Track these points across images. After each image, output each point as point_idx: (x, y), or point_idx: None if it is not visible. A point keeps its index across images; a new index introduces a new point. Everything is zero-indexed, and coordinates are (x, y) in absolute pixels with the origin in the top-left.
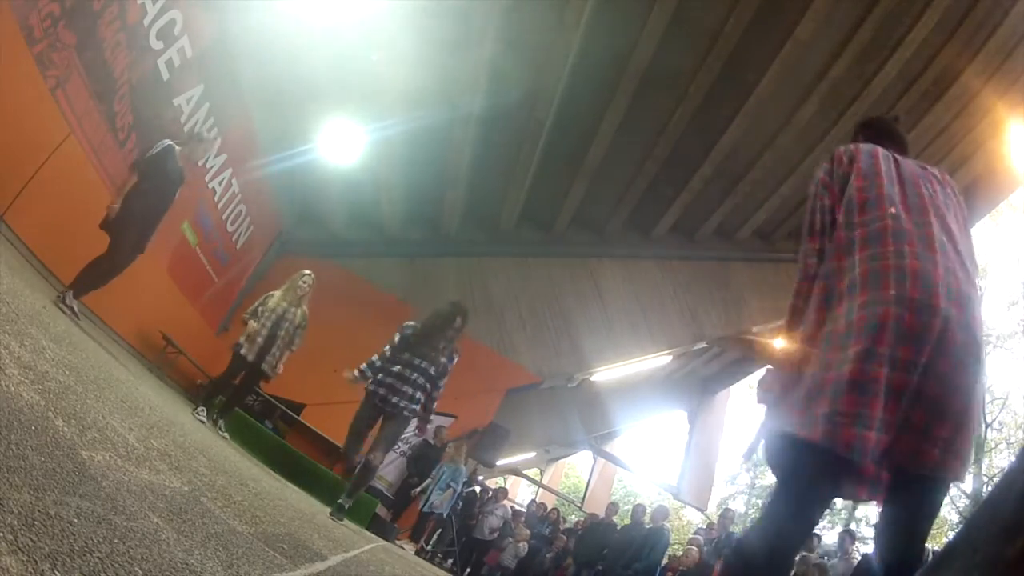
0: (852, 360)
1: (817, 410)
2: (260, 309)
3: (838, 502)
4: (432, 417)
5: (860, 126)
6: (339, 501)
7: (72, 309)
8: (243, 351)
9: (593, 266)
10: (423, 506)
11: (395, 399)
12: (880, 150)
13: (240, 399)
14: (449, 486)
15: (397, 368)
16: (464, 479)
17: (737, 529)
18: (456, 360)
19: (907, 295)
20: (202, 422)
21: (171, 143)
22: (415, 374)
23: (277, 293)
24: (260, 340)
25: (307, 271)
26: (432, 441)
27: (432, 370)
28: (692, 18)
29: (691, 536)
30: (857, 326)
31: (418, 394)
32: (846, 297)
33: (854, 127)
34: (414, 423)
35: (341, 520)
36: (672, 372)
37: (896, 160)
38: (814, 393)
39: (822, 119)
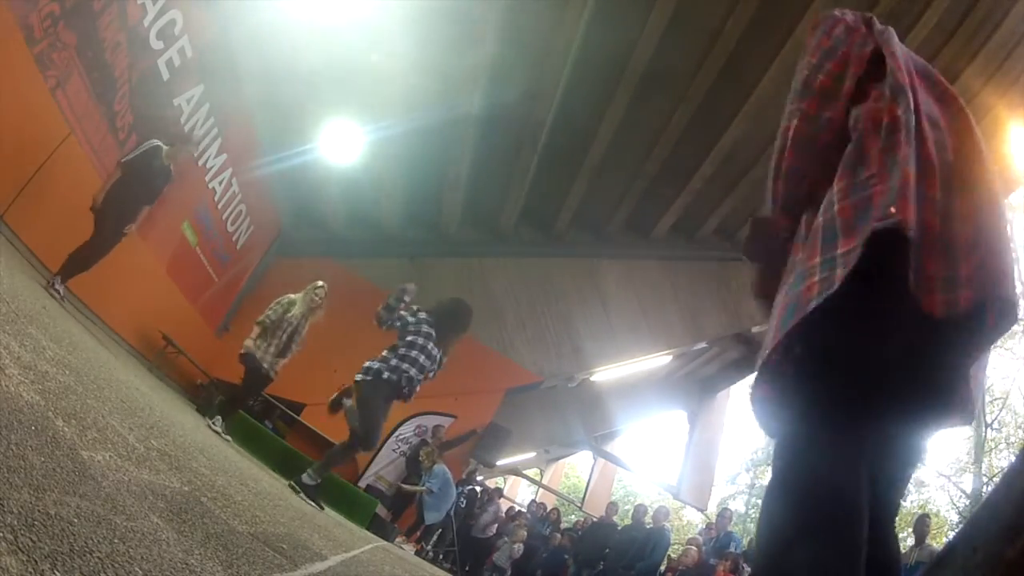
0: None
1: None
2: (281, 317)
3: None
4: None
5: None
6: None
7: (59, 293)
8: (262, 360)
9: (593, 266)
10: (426, 521)
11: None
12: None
13: (244, 402)
14: (431, 491)
15: (420, 342)
16: (442, 479)
17: (736, 529)
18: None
19: None
20: (219, 433)
21: (157, 143)
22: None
23: (297, 303)
24: (273, 350)
25: (321, 283)
26: (430, 441)
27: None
28: (692, 18)
29: (691, 536)
30: None
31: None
32: None
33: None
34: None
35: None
36: (672, 372)
37: None
38: None
39: None
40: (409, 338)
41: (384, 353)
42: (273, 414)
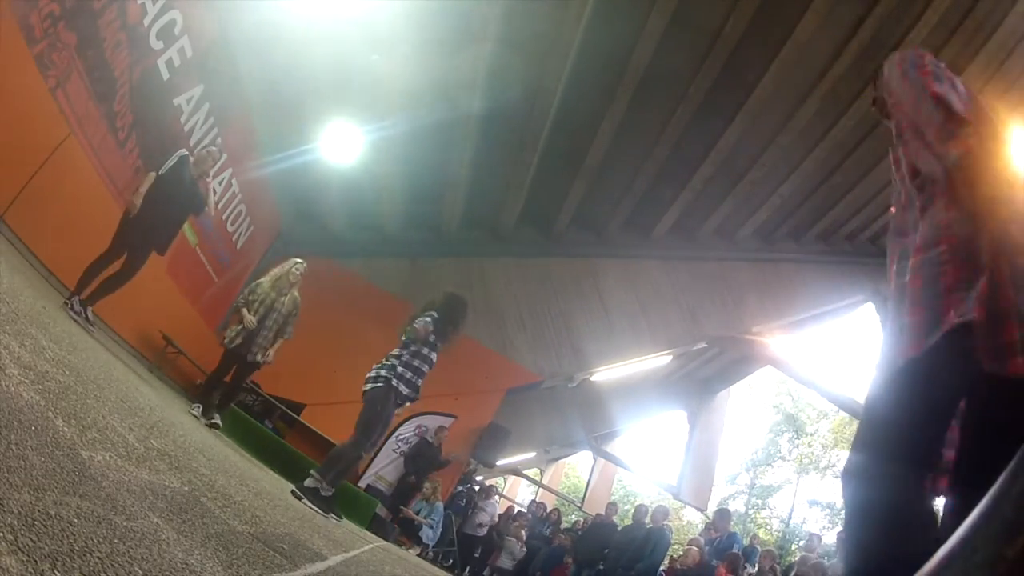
0: None
1: None
2: (251, 299)
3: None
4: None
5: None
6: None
7: (86, 317)
8: (232, 345)
9: (593, 266)
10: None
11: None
12: None
13: (235, 393)
14: (431, 526)
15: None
16: (439, 516)
17: (736, 529)
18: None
19: None
20: (196, 418)
21: (185, 152)
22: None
23: (266, 282)
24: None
25: (299, 260)
26: (431, 440)
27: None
28: (692, 18)
29: (691, 537)
30: None
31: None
32: None
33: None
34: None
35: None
36: (672, 372)
37: None
38: None
39: (822, 119)
40: (414, 347)
41: (392, 362)
42: (273, 414)
